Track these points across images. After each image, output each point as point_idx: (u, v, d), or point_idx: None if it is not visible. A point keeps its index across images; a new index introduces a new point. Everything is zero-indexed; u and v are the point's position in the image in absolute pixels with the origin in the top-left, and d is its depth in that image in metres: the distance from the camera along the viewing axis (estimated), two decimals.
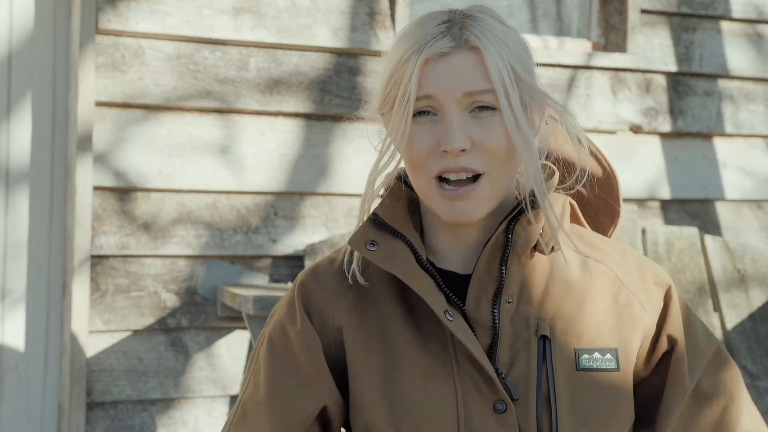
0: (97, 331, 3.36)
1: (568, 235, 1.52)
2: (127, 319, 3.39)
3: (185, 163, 3.43)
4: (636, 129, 4.07)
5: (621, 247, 1.60)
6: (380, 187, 1.55)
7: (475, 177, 1.46)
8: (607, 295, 1.54)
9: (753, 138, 4.29)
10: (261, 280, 3.52)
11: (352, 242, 1.52)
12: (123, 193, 3.37)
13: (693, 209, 4.18)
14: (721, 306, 3.85)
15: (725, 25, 4.21)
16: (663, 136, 4.13)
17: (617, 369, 1.50)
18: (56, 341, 3.41)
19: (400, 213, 1.54)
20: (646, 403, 1.56)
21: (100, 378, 3.37)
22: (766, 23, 4.31)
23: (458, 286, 1.51)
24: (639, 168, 4.07)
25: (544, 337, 1.48)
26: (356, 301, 1.53)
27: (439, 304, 1.46)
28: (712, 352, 1.58)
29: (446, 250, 1.54)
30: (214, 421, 3.51)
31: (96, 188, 3.34)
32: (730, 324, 3.84)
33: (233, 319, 3.49)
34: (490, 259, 1.50)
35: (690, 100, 4.16)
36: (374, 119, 1.55)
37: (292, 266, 3.56)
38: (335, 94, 3.60)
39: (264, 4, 3.50)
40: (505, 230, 1.50)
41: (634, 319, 1.53)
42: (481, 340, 1.48)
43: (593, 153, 1.63)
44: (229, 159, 3.49)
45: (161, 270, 3.42)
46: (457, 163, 1.44)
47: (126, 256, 3.38)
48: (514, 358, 1.48)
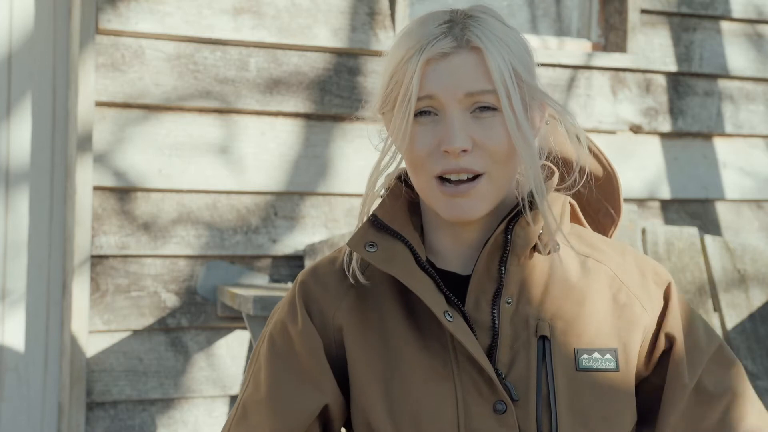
0: (97, 331, 3.36)
1: (565, 236, 1.52)
2: (127, 319, 3.38)
3: (185, 163, 3.43)
4: (636, 129, 4.07)
5: (621, 246, 1.60)
6: (381, 188, 1.55)
7: (476, 176, 1.46)
8: (606, 295, 1.54)
9: (753, 138, 4.29)
10: (261, 280, 3.52)
11: (352, 243, 1.51)
12: (123, 193, 3.37)
13: (693, 209, 4.18)
14: (721, 306, 3.85)
15: (725, 25, 4.21)
16: (663, 136, 4.13)
17: (617, 369, 1.50)
18: (56, 341, 3.41)
19: (399, 214, 1.54)
20: (648, 403, 1.55)
21: (100, 378, 3.37)
22: (766, 23, 4.31)
23: (458, 286, 1.51)
24: (639, 168, 4.07)
25: (543, 337, 1.48)
26: (357, 301, 1.53)
27: (439, 305, 1.46)
28: (714, 349, 1.57)
29: (446, 251, 1.54)
30: (214, 421, 3.50)
31: (96, 188, 3.34)
32: (730, 324, 3.84)
33: (233, 319, 3.49)
34: (489, 259, 1.50)
35: (690, 100, 4.16)
36: (375, 119, 1.55)
37: (292, 266, 3.56)
38: (335, 94, 3.60)
39: (264, 4, 3.50)
40: (504, 231, 1.50)
41: (634, 318, 1.53)
42: (481, 341, 1.47)
43: (594, 153, 1.63)
44: (229, 159, 3.49)
45: (161, 270, 3.42)
46: (457, 163, 1.44)
47: (126, 256, 3.38)
48: (513, 358, 1.48)
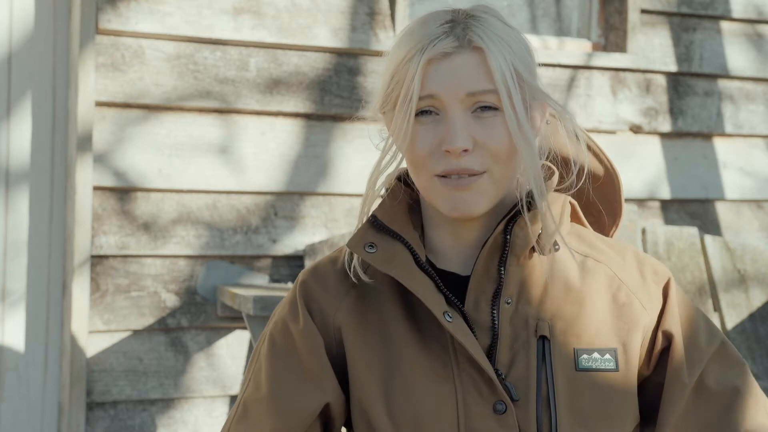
0: (97, 331, 3.36)
1: (565, 236, 1.52)
2: (127, 319, 3.38)
3: (185, 163, 3.43)
4: (636, 129, 4.07)
5: (621, 246, 1.60)
6: (381, 187, 1.55)
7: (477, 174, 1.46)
8: (606, 295, 1.53)
9: (753, 138, 4.29)
10: (261, 280, 3.52)
11: (351, 244, 1.51)
12: (123, 193, 3.37)
13: (693, 209, 4.18)
14: (721, 306, 3.85)
15: (725, 25, 4.21)
16: (663, 136, 4.13)
17: (616, 369, 1.49)
18: (56, 341, 3.41)
19: (399, 214, 1.54)
20: (651, 403, 1.55)
21: (100, 378, 3.37)
22: (766, 23, 4.31)
23: (458, 286, 1.51)
24: (639, 168, 4.07)
25: (543, 337, 1.48)
26: (357, 301, 1.53)
27: (438, 306, 1.46)
28: (716, 347, 1.56)
29: (447, 250, 1.54)
30: (214, 421, 3.50)
31: (96, 188, 3.34)
32: (730, 324, 3.84)
33: (233, 319, 3.49)
34: (488, 259, 1.50)
35: (690, 100, 4.16)
36: (375, 119, 1.55)
37: (292, 266, 3.56)
38: (335, 94, 3.60)
39: (264, 4, 3.50)
40: (503, 231, 1.50)
41: (633, 318, 1.52)
42: (481, 341, 1.47)
43: (595, 152, 1.62)
44: (229, 159, 3.49)
45: (161, 270, 3.42)
46: (458, 163, 1.44)
47: (126, 256, 3.38)
48: (513, 358, 1.48)
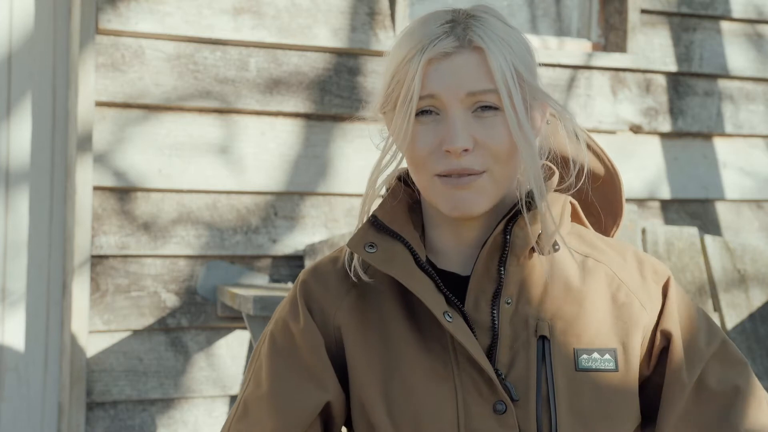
0: (97, 331, 3.36)
1: (565, 236, 1.52)
2: (127, 319, 3.38)
3: (185, 163, 3.43)
4: (636, 129, 4.07)
5: (621, 245, 1.60)
6: (381, 187, 1.55)
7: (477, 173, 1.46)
8: (606, 295, 1.53)
9: (753, 138, 4.29)
10: (261, 280, 3.52)
11: (351, 244, 1.51)
12: (123, 193, 3.37)
13: (693, 209, 4.18)
14: (721, 306, 3.85)
15: (725, 25, 4.21)
16: (663, 136, 4.13)
17: (615, 369, 1.49)
18: (56, 341, 3.41)
19: (400, 214, 1.54)
20: (652, 403, 1.55)
21: (100, 378, 3.37)
22: (766, 23, 4.31)
23: (458, 286, 1.51)
24: (639, 168, 4.07)
25: (543, 337, 1.48)
26: (357, 301, 1.53)
27: (438, 306, 1.46)
28: (717, 346, 1.55)
29: (447, 250, 1.54)
30: (214, 421, 3.50)
31: (96, 188, 3.34)
32: (730, 324, 3.84)
33: (233, 319, 3.49)
34: (488, 259, 1.50)
35: (690, 100, 4.16)
36: (376, 119, 1.55)
37: (292, 266, 3.56)
38: (335, 94, 3.60)
39: (264, 4, 3.50)
40: (503, 231, 1.50)
41: (633, 318, 1.52)
42: (481, 341, 1.47)
43: (596, 152, 1.62)
44: (229, 159, 3.49)
45: (161, 270, 3.42)
46: (459, 163, 1.44)
47: (126, 256, 3.38)
48: (513, 358, 1.48)
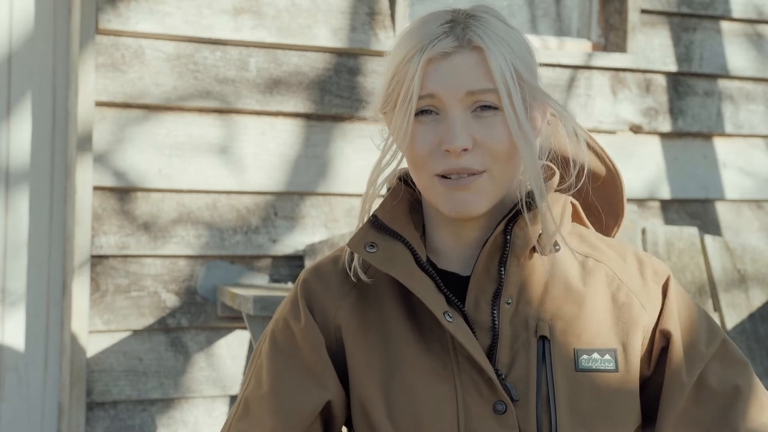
0: (97, 331, 3.36)
1: (565, 236, 1.52)
2: (127, 319, 3.38)
3: (185, 163, 3.43)
4: (636, 129, 4.07)
5: (622, 245, 1.60)
6: (381, 186, 1.55)
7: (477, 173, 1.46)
8: (606, 295, 1.53)
9: (753, 138, 4.29)
10: (261, 280, 3.52)
11: (352, 244, 1.51)
12: (123, 193, 3.37)
13: (693, 209, 4.18)
14: (721, 306, 3.85)
15: (725, 25, 4.21)
16: (663, 136, 4.13)
17: (616, 370, 1.49)
18: (56, 341, 3.41)
19: (400, 214, 1.54)
20: (652, 403, 1.55)
21: (100, 378, 3.37)
22: (766, 23, 4.31)
23: (459, 287, 1.51)
24: (639, 168, 4.07)
25: (543, 337, 1.48)
26: (358, 301, 1.53)
27: (439, 306, 1.46)
28: (717, 345, 1.55)
29: (448, 250, 1.54)
30: (214, 421, 3.50)
31: (96, 188, 3.34)
32: (730, 324, 3.84)
33: (233, 319, 3.49)
34: (488, 260, 1.50)
35: (690, 100, 4.16)
36: (376, 119, 1.55)
37: (292, 266, 3.56)
38: (335, 94, 3.60)
39: (264, 4, 3.50)
40: (503, 231, 1.50)
41: (633, 318, 1.52)
42: (481, 341, 1.47)
43: (597, 153, 1.63)
44: (229, 159, 3.49)
45: (161, 270, 3.42)
46: (458, 163, 1.44)
47: (126, 256, 3.38)
48: (513, 358, 1.48)
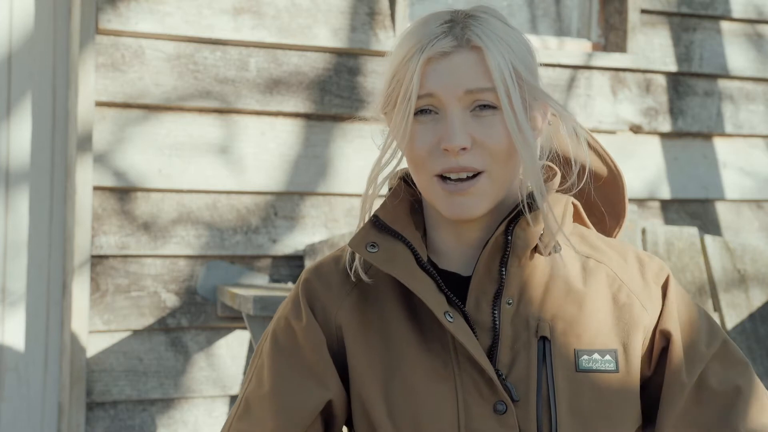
0: (97, 331, 3.36)
1: (567, 237, 1.52)
2: (127, 319, 3.38)
3: (185, 163, 3.43)
4: (636, 129, 4.07)
5: (622, 246, 1.60)
6: (381, 186, 1.55)
7: (476, 174, 1.46)
8: (607, 296, 1.53)
9: (753, 138, 4.29)
10: (261, 280, 3.52)
11: (353, 244, 1.52)
12: (123, 193, 3.37)
13: (693, 209, 4.18)
14: (721, 306, 3.85)
15: (725, 25, 4.21)
16: (663, 136, 4.13)
17: (616, 370, 1.49)
18: (56, 341, 3.41)
19: (401, 214, 1.54)
20: (653, 403, 1.55)
21: (100, 378, 3.37)
22: (766, 23, 4.31)
23: (460, 287, 1.51)
24: (639, 168, 4.08)
25: (543, 338, 1.48)
26: (359, 300, 1.53)
27: (439, 306, 1.46)
28: (718, 346, 1.55)
29: (449, 251, 1.54)
30: (214, 421, 3.50)
31: (96, 188, 3.34)
32: (730, 324, 3.84)
33: (233, 319, 3.49)
34: (489, 260, 1.50)
35: (690, 100, 4.16)
36: (377, 119, 1.56)
37: (292, 266, 3.56)
38: (335, 94, 3.60)
39: (264, 4, 3.50)
40: (504, 231, 1.50)
41: (634, 319, 1.52)
42: (482, 342, 1.47)
43: (599, 153, 1.63)
44: (229, 159, 3.49)
45: (161, 270, 3.42)
46: (457, 162, 1.44)
47: (126, 256, 3.38)
48: (514, 359, 1.48)
